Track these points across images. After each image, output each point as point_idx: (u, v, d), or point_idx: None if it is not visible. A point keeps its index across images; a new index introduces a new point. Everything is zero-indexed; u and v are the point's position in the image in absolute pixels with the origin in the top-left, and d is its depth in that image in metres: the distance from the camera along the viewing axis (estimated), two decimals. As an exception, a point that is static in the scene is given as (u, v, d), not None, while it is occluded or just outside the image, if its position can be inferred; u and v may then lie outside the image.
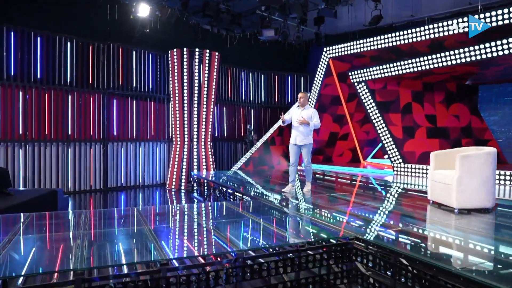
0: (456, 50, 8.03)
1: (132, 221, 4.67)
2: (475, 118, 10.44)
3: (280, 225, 4.59)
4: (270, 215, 5.12)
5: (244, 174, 10.26)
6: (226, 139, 13.83)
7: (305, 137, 6.30)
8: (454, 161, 5.92)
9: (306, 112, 6.33)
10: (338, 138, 12.23)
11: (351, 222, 4.62)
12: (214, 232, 4.10)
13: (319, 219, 4.71)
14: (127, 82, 11.40)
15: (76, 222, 4.41)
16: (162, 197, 10.67)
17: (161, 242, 3.70)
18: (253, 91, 14.53)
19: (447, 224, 4.57)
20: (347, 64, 10.73)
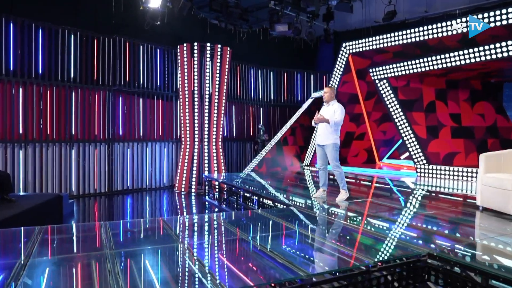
0: (488, 45, 7.54)
1: (163, 237, 4.07)
2: (500, 117, 9.98)
3: (334, 239, 4.03)
4: (317, 226, 4.56)
5: (259, 176, 9.69)
6: (235, 139, 13.24)
7: (327, 136, 5.73)
8: (508, 163, 5.45)
9: (330, 110, 5.81)
10: (354, 138, 11.71)
11: (411, 233, 4.08)
12: (263, 249, 3.53)
13: (377, 232, 4.16)
14: (134, 78, 10.76)
15: (99, 239, 3.81)
16: (171, 201, 10.06)
17: (205, 263, 3.13)
18: (262, 89, 13.96)
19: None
20: (367, 60, 10.20)
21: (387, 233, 4.08)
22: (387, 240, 3.80)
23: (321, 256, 3.43)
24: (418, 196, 6.80)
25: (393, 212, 5.29)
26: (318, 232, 4.28)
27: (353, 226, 4.38)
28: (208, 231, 4.29)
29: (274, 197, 6.25)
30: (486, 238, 3.95)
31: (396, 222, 4.59)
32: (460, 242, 3.81)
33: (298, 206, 5.53)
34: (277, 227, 4.44)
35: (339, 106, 5.82)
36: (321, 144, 5.81)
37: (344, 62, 10.27)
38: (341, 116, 5.72)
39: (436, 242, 3.75)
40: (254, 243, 3.70)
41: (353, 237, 3.99)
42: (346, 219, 4.81)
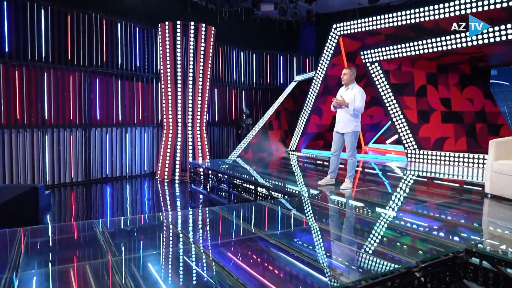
0: (487, 28, 7.38)
1: (170, 237, 3.63)
2: (488, 102, 10.00)
3: (362, 236, 3.72)
4: (335, 219, 4.25)
5: (246, 162, 9.30)
6: (218, 124, 12.74)
7: (347, 123, 5.40)
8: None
9: (349, 93, 5.43)
10: (340, 122, 11.48)
11: (435, 226, 3.84)
12: (293, 251, 3.17)
13: (402, 226, 3.89)
14: (112, 59, 10.00)
15: (97, 243, 3.33)
16: (154, 189, 9.54)
17: (232, 273, 2.73)
18: (244, 71, 13.45)
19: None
20: (358, 42, 9.91)
21: (412, 227, 3.81)
22: (415, 235, 3.53)
23: (356, 257, 3.11)
24: (419, 183, 6.63)
25: (403, 201, 5.06)
26: (339, 227, 3.96)
27: (374, 219, 4.10)
28: (221, 229, 3.88)
29: (273, 186, 5.90)
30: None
31: (415, 214, 4.34)
32: (491, 235, 3.60)
33: (303, 196, 5.19)
34: (293, 222, 4.09)
35: (359, 90, 5.40)
36: (341, 132, 5.46)
37: (334, 44, 9.93)
38: (362, 101, 5.32)
39: (465, 236, 3.52)
40: (279, 244, 3.33)
41: (380, 233, 3.70)
42: (362, 211, 4.53)
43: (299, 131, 11.33)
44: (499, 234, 3.66)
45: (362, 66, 10.29)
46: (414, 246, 3.31)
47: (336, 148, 5.57)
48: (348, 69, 5.46)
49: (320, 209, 4.62)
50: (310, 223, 3.94)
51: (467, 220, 4.13)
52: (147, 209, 7.73)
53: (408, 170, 7.87)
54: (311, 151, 11.22)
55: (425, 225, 3.90)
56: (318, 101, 10.76)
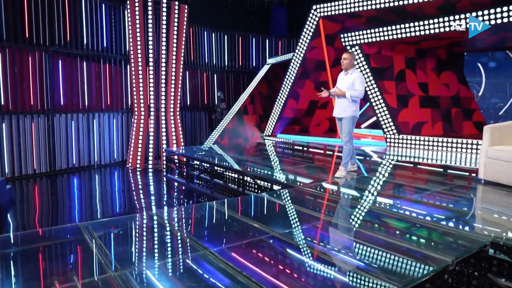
0: (468, 13, 7.35)
1: (174, 241, 3.22)
2: (462, 87, 10.15)
3: (378, 230, 3.49)
4: (346, 214, 4.00)
5: (223, 149, 8.91)
6: (189, 108, 12.19)
7: (345, 108, 5.19)
8: (510, 135, 5.32)
9: (348, 79, 5.20)
10: (317, 106, 11.32)
11: (449, 217, 3.70)
12: (316, 253, 2.88)
13: (416, 218, 3.70)
14: (76, 38, 9.15)
15: (90, 253, 2.88)
16: (127, 179, 8.96)
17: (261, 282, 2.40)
18: (216, 53, 12.90)
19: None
20: (338, 25, 9.67)
21: (425, 218, 3.64)
22: (430, 227, 3.35)
23: (388, 258, 2.87)
24: (408, 169, 6.55)
25: (402, 190, 4.92)
26: (347, 219, 3.72)
27: (386, 211, 3.89)
28: (228, 228, 3.51)
29: (265, 176, 5.59)
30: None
31: (420, 203, 4.19)
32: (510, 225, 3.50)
33: (299, 186, 4.92)
34: (302, 217, 3.80)
35: (359, 76, 5.18)
36: (339, 116, 5.27)
37: (314, 26, 9.63)
38: (362, 87, 5.11)
39: (483, 227, 3.40)
40: (301, 247, 3.02)
41: (396, 228, 3.49)
42: (369, 202, 4.32)
43: (275, 115, 11.05)
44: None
45: (340, 49, 10.11)
46: (434, 239, 3.13)
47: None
48: (349, 53, 5.21)
49: (322, 201, 4.37)
50: (319, 217, 3.68)
51: (476, 209, 4.03)
52: (122, 202, 7.20)
53: (390, 156, 7.82)
54: (287, 136, 11.01)
55: (436, 216, 3.75)
56: (296, 85, 10.50)
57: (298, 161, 7.50)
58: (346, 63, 5.17)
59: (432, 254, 2.77)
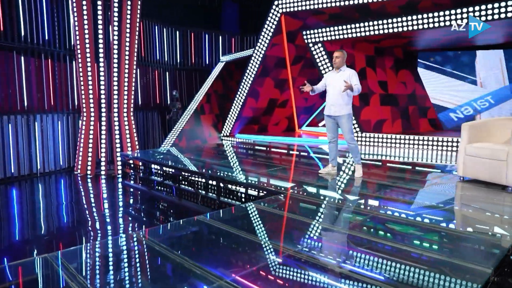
0: (428, 13, 7.50)
1: (180, 271, 2.70)
2: (418, 85, 10.45)
3: (402, 241, 3.23)
4: (349, 223, 3.70)
5: (182, 151, 8.33)
6: (141, 108, 11.37)
7: (342, 106, 5.00)
8: (487, 132, 5.39)
9: (342, 76, 5.00)
10: (277, 105, 11.08)
11: (451, 218, 3.56)
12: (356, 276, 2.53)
13: (421, 223, 3.50)
14: (11, 29, 8.02)
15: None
16: (78, 188, 8.05)
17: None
18: (168, 50, 12.19)
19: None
20: (299, 21, 9.47)
21: (432, 222, 3.47)
22: (442, 231, 3.18)
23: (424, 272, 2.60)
24: (386, 169, 6.48)
25: (392, 191, 4.77)
26: (359, 230, 3.43)
27: (388, 217, 3.66)
28: (235, 250, 3.04)
29: (245, 182, 5.18)
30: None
31: (417, 205, 4.04)
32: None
33: (297, 194, 4.57)
34: (312, 231, 3.45)
35: (353, 72, 5.01)
36: (335, 115, 5.04)
37: (275, 22, 9.35)
38: (359, 83, 4.96)
39: (494, 228, 3.29)
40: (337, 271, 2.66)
41: (411, 234, 3.26)
42: (360, 207, 4.08)
43: (233, 115, 10.63)
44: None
45: (301, 47, 9.94)
46: (454, 245, 2.93)
47: (332, 135, 5.19)
48: (341, 51, 5.02)
49: (330, 211, 4.07)
50: (329, 229, 3.35)
51: (475, 210, 3.95)
52: (76, 216, 6.38)
53: (364, 155, 7.75)
54: (246, 136, 10.65)
55: (439, 218, 3.61)
56: (255, 83, 10.16)
57: (269, 163, 7.15)
58: (338, 62, 4.98)
59: (469, 265, 2.54)
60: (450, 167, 6.54)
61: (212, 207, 5.53)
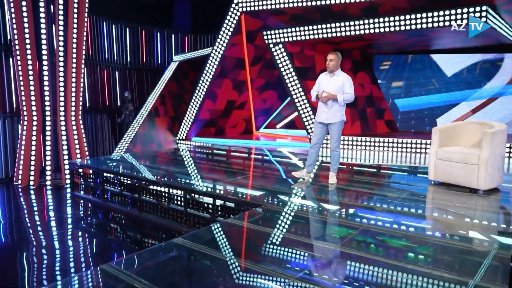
0: (389, 17, 7.58)
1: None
2: (375, 87, 10.60)
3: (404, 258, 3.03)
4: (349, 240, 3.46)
5: (138, 158, 7.76)
6: (89, 111, 10.51)
7: (334, 113, 4.80)
8: (456, 136, 5.44)
9: (336, 81, 4.78)
10: (234, 107, 10.74)
11: (436, 227, 3.46)
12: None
13: (412, 234, 3.35)
14: None
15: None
16: (17, 201, 7.19)
17: None
18: (117, 48, 11.41)
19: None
20: (259, 21, 9.20)
21: (417, 231, 3.34)
22: (434, 242, 3.05)
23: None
24: (356, 173, 6.39)
25: (369, 198, 4.63)
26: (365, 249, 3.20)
27: (378, 229, 3.48)
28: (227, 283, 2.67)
29: (216, 193, 4.81)
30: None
31: (398, 213, 3.91)
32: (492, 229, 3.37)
33: (274, 205, 4.27)
34: (315, 252, 3.15)
35: (348, 77, 4.79)
36: (326, 122, 4.83)
37: (235, 21, 9.00)
38: (353, 89, 4.76)
39: (487, 237, 3.21)
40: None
41: (405, 249, 3.09)
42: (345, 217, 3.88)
43: (190, 117, 10.15)
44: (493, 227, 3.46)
45: (260, 47, 9.70)
46: (453, 259, 2.79)
47: (317, 140, 4.97)
48: (334, 54, 4.80)
49: (309, 223, 3.81)
50: (324, 247, 3.09)
51: (455, 216, 3.89)
52: (16, 238, 5.61)
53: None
54: (202, 140, 10.22)
55: (424, 226, 3.50)
56: (213, 84, 9.76)
57: (233, 170, 6.81)
58: (332, 65, 4.76)
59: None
60: (415, 168, 6.62)
61: (179, 220, 5.10)
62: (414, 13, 7.36)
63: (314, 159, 4.98)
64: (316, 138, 4.94)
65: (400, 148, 8.22)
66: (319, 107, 4.90)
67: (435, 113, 10.85)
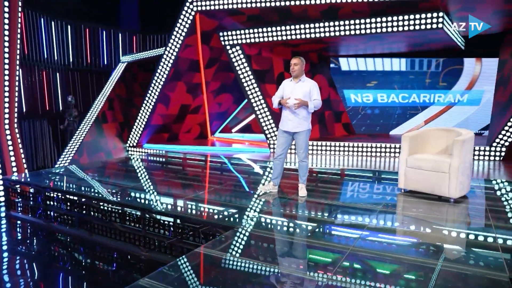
0: (347, 20, 7.49)
1: None
2: (332, 90, 10.53)
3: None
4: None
5: (86, 169, 7.03)
6: (27, 117, 9.48)
7: (300, 121, 4.47)
8: (426, 143, 5.36)
9: (302, 87, 4.48)
10: (189, 111, 10.21)
11: (418, 242, 3.26)
12: None
13: (402, 256, 3.12)
14: None
15: None
16: None
17: None
18: (58, 47, 10.44)
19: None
20: (215, 22, 8.77)
21: (404, 251, 3.12)
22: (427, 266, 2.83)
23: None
24: (323, 181, 6.15)
25: (351, 212, 4.39)
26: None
27: (378, 254, 3.20)
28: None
29: (181, 213, 4.34)
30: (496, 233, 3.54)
31: (374, 230, 3.69)
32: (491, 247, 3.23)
33: (247, 227, 3.87)
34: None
35: (314, 83, 4.53)
36: (293, 131, 4.47)
37: (189, 21, 8.49)
38: (320, 97, 4.51)
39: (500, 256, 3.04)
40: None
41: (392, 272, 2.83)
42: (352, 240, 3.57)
43: (141, 123, 9.50)
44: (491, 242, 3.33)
45: (216, 49, 9.26)
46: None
47: (281, 151, 4.60)
48: (298, 58, 4.50)
49: (291, 248, 3.46)
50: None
51: (431, 227, 3.73)
52: None
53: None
54: (155, 146, 9.61)
55: (407, 242, 3.29)
56: (166, 88, 9.18)
57: (193, 182, 6.31)
58: (297, 70, 4.44)
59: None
60: (379, 174, 6.52)
61: (137, 243, 4.55)
62: (374, 17, 7.32)
63: (279, 171, 4.66)
64: (280, 148, 4.61)
65: (361, 152, 8.15)
66: (284, 115, 4.55)
67: (387, 116, 11.02)
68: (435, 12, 6.93)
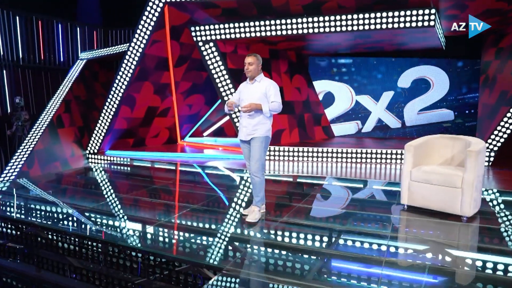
0: (332, 16, 6.87)
1: None
2: (311, 92, 9.91)
3: None
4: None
5: (38, 184, 6.03)
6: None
7: (255, 126, 3.80)
8: (430, 152, 4.78)
9: (259, 88, 3.83)
10: (156, 114, 9.27)
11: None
12: None
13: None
14: None
15: None
16: None
17: None
18: (4, 41, 9.22)
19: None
20: (186, 15, 7.90)
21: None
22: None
23: None
24: (312, 196, 5.45)
25: (357, 240, 3.72)
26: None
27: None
28: None
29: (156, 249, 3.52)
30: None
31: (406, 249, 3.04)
32: None
33: (238, 267, 3.10)
34: None
35: (272, 83, 3.88)
36: (247, 139, 3.85)
37: (157, 13, 7.57)
38: (279, 96, 3.85)
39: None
40: None
41: None
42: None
43: (103, 127, 8.49)
44: None
45: (186, 45, 8.41)
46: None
47: (249, 164, 3.95)
48: (254, 56, 3.85)
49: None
50: None
51: (446, 253, 3.12)
52: None
53: (271, 172, 6.63)
54: (119, 153, 8.62)
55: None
56: (131, 88, 8.21)
57: (167, 201, 5.45)
58: (253, 69, 3.81)
59: None
60: (371, 185, 5.86)
61: (96, 282, 3.68)
62: (362, 13, 6.72)
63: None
64: (247, 161, 3.97)
65: (345, 158, 7.54)
66: (240, 122, 3.91)
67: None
68: (426, 9, 6.42)
